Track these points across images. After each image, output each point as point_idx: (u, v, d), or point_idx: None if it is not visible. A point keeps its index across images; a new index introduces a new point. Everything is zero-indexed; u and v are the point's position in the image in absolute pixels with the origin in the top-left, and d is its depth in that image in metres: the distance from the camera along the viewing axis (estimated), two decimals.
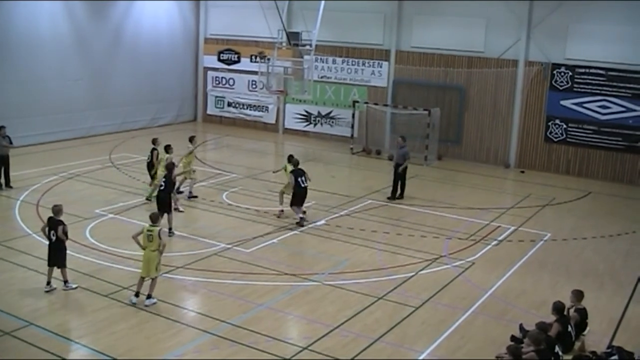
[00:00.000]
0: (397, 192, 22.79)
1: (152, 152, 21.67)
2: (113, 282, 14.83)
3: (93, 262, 16.00)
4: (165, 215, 17.74)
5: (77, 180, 23.46)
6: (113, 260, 16.21)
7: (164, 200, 18.05)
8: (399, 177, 22.77)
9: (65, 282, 14.43)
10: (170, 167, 18.55)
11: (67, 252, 14.48)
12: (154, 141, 21.87)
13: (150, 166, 21.65)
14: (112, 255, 16.48)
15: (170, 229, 18.01)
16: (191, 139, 22.10)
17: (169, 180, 18.18)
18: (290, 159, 20.33)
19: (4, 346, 12.01)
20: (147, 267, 13.93)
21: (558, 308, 12.74)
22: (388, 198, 22.68)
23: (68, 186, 22.61)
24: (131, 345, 12.15)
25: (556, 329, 12.29)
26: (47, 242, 14.44)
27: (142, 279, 14.01)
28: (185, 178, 21.82)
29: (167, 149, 21.18)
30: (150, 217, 14.28)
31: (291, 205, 19.67)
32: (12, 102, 27.76)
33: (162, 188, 18.13)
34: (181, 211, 19.99)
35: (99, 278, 15.04)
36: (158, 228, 14.01)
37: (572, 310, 13.21)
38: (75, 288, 14.42)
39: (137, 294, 13.98)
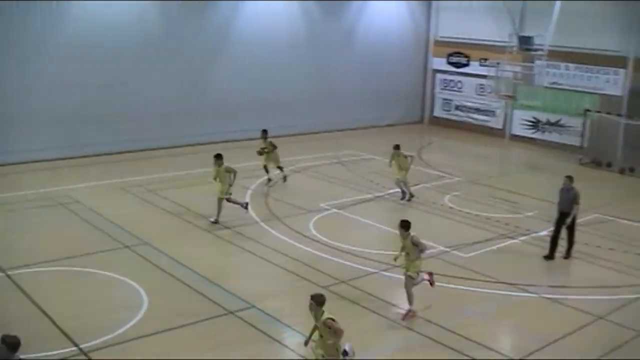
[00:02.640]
0: (557, 246, 17.34)
1: None
2: (329, 274, 15.36)
3: (314, 254, 16.69)
4: None
5: (304, 174, 24.56)
6: (332, 253, 16.78)
7: None
8: (567, 229, 17.33)
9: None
10: None
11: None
12: None
13: None
14: (332, 249, 17.05)
15: None
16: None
17: None
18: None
19: (226, 324, 12.95)
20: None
21: None
22: (545, 257, 17.31)
23: (295, 180, 23.71)
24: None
25: None
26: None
27: None
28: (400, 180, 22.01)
29: None
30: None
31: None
32: None
33: None
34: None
35: (317, 269, 15.66)
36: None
37: None
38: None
39: None
